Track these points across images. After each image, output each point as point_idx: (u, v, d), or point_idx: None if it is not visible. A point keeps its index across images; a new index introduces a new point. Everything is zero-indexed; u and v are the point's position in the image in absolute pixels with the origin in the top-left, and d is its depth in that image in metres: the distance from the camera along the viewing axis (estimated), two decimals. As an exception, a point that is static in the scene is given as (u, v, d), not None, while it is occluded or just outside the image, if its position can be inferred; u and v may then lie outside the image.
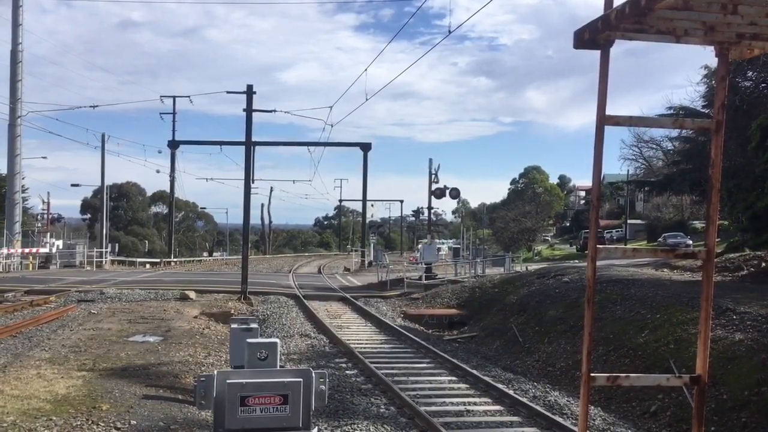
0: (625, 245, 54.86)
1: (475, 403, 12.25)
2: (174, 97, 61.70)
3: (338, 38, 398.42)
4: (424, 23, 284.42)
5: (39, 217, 73.26)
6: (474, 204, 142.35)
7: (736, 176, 29.45)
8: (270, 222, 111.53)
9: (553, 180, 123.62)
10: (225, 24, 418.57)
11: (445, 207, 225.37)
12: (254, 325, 6.02)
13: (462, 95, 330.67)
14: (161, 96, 60.78)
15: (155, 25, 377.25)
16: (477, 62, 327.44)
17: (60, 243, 55.06)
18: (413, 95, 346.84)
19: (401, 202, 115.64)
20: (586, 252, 3.83)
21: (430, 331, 23.97)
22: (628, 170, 78.46)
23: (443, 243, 74.87)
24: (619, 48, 3.47)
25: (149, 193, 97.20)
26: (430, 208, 42.49)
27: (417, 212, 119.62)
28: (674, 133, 57.85)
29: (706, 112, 38.60)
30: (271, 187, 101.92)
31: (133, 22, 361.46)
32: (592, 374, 3.52)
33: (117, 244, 62.52)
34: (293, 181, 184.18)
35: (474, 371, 14.62)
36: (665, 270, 27.65)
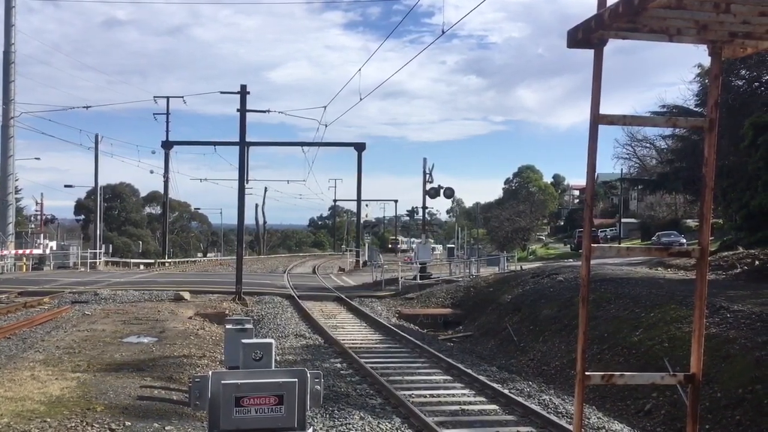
0: (619, 244, 55.00)
1: (470, 403, 12.26)
2: (167, 98, 61.62)
3: (327, 36, 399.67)
4: (412, 21, 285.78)
5: (32, 218, 73.16)
6: (468, 203, 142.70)
7: (731, 175, 29.55)
8: (264, 222, 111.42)
9: (547, 179, 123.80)
10: (212, 23, 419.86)
11: (440, 206, 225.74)
12: (249, 326, 6.01)
13: (453, 94, 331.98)
14: (155, 96, 60.44)
15: (141, 24, 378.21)
16: (466, 60, 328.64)
17: (53, 244, 54.95)
18: (404, 94, 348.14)
19: (395, 201, 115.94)
20: (581, 251, 3.84)
21: (425, 330, 23.98)
22: (621, 169, 78.63)
23: (435, 243, 74.94)
24: (609, 46, 3.46)
25: (143, 193, 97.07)
26: (424, 207, 42.48)
27: (411, 212, 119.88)
28: (668, 131, 58.09)
29: (700, 110, 38.70)
30: (266, 188, 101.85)
31: (118, 20, 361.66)
32: (586, 373, 3.53)
33: (111, 245, 62.31)
34: (287, 181, 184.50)
35: (469, 370, 14.63)
36: (659, 268, 27.73)
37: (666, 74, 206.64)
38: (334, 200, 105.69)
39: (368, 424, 10.70)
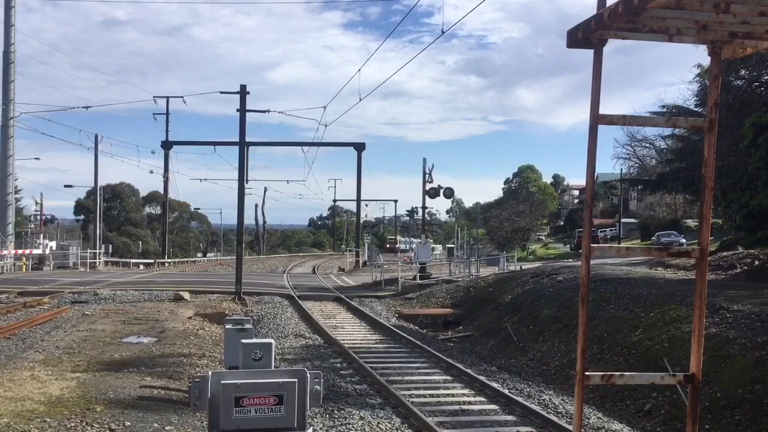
0: (619, 244, 55.01)
1: (470, 402, 12.26)
2: (167, 98, 61.57)
3: (326, 36, 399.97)
4: (412, 21, 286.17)
5: (32, 218, 73.11)
6: (468, 203, 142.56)
7: (731, 175, 29.53)
8: (264, 222, 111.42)
9: (547, 179, 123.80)
10: (211, 22, 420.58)
11: (440, 206, 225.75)
12: (249, 326, 6.00)
13: (452, 94, 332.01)
14: (154, 96, 60.45)
15: (140, 24, 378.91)
16: (466, 60, 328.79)
17: (53, 244, 54.90)
18: (403, 94, 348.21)
19: (395, 201, 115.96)
20: (580, 251, 3.84)
21: (425, 330, 23.98)
22: (621, 169, 78.60)
23: (434, 243, 74.82)
24: (609, 46, 3.46)
25: (143, 193, 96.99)
26: (424, 207, 42.48)
27: (411, 212, 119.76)
28: (667, 131, 58.04)
29: (699, 110, 38.67)
30: (265, 188, 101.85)
31: (117, 20, 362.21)
32: (586, 373, 3.53)
33: (111, 245, 62.30)
34: (287, 181, 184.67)
35: (468, 370, 14.63)
36: (659, 269, 27.73)
37: (666, 74, 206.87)
38: (334, 200, 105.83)
39: (368, 424, 10.70)
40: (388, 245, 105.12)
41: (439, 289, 30.84)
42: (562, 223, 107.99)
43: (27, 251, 48.80)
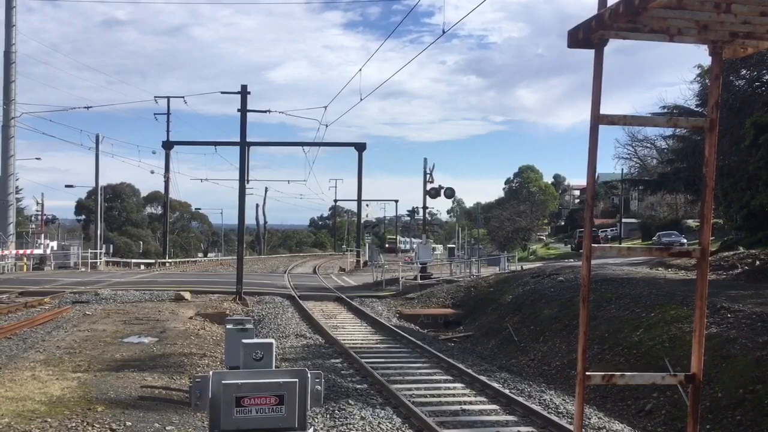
0: (620, 244, 54.98)
1: (470, 403, 12.26)
2: (168, 98, 61.59)
3: (326, 36, 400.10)
4: (412, 21, 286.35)
5: (33, 218, 73.16)
6: (469, 203, 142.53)
7: (732, 175, 29.52)
8: (265, 222, 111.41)
9: (548, 179, 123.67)
10: (211, 22, 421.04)
11: (440, 207, 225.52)
12: (249, 326, 6.00)
13: (452, 94, 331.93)
14: (155, 96, 60.41)
15: (140, 24, 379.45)
16: (466, 60, 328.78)
17: (54, 244, 54.98)
18: (403, 94, 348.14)
19: (396, 201, 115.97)
20: (581, 251, 3.84)
21: (426, 330, 23.97)
22: (622, 169, 78.59)
23: (435, 243, 74.75)
24: (609, 46, 3.47)
25: (144, 193, 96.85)
26: (425, 207, 42.45)
27: (412, 212, 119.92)
28: (668, 131, 58.00)
29: (700, 110, 38.65)
30: (266, 188, 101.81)
31: (117, 20, 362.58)
32: (587, 373, 3.53)
33: (112, 245, 62.32)
34: (288, 181, 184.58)
35: (469, 370, 14.62)
36: (660, 269, 27.72)
37: (666, 74, 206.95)
38: (335, 200, 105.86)
39: (369, 423, 10.70)
40: (388, 245, 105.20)
41: (439, 289, 30.83)
42: (562, 223, 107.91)
43: (28, 251, 48.84)
